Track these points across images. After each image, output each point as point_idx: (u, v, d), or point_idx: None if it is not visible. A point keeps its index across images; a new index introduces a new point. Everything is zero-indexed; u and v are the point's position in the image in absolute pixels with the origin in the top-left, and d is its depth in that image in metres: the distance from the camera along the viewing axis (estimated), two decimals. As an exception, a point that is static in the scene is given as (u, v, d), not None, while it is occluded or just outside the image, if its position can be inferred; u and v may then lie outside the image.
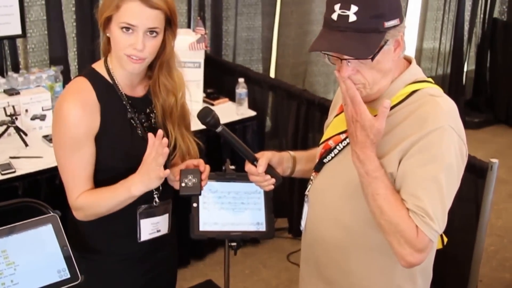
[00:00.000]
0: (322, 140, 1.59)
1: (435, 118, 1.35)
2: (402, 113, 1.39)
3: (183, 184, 1.58)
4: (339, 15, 1.33)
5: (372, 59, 1.34)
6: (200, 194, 1.62)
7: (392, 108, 1.40)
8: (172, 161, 1.70)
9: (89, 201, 1.59)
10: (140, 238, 1.68)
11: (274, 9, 4.28)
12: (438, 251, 1.57)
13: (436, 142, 1.34)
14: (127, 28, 1.50)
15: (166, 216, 1.72)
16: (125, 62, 1.55)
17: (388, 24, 1.33)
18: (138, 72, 1.60)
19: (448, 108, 1.38)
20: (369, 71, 1.37)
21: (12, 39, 3.12)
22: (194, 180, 1.58)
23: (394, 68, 1.43)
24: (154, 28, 1.51)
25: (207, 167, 1.63)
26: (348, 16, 1.32)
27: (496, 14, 5.69)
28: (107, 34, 1.56)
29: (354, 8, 1.31)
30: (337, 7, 1.33)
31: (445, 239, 1.62)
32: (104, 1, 1.53)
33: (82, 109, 1.53)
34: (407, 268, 1.41)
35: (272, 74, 4.40)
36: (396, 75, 1.43)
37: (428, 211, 1.32)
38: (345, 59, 1.36)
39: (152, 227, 1.68)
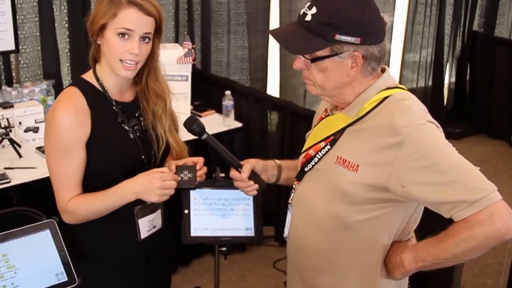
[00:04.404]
0: (303, 150, 1.62)
1: (407, 120, 1.37)
2: (377, 118, 1.44)
3: (179, 178, 1.61)
4: (303, 12, 1.41)
5: (313, 61, 1.41)
6: (194, 188, 1.66)
7: (367, 114, 1.45)
8: (165, 161, 1.76)
9: (81, 206, 1.62)
10: (140, 237, 1.71)
11: (267, 27, 4.27)
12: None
13: (420, 141, 1.35)
14: (124, 34, 1.55)
15: (159, 211, 1.75)
16: (118, 69, 1.60)
17: (340, 37, 1.36)
18: (130, 77, 1.65)
19: (416, 108, 1.42)
20: (317, 73, 1.44)
21: (6, 54, 3.15)
22: (189, 175, 1.61)
23: (361, 83, 1.46)
24: (148, 33, 1.59)
25: (205, 168, 1.67)
26: (306, 14, 1.40)
27: (475, 27, 5.72)
28: (98, 42, 1.61)
29: (313, 10, 1.39)
30: (307, 4, 1.41)
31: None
32: (98, 10, 1.58)
33: (74, 114, 1.57)
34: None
35: (276, 95, 4.34)
36: (370, 85, 1.47)
37: (460, 199, 1.32)
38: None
39: (149, 225, 1.72)
